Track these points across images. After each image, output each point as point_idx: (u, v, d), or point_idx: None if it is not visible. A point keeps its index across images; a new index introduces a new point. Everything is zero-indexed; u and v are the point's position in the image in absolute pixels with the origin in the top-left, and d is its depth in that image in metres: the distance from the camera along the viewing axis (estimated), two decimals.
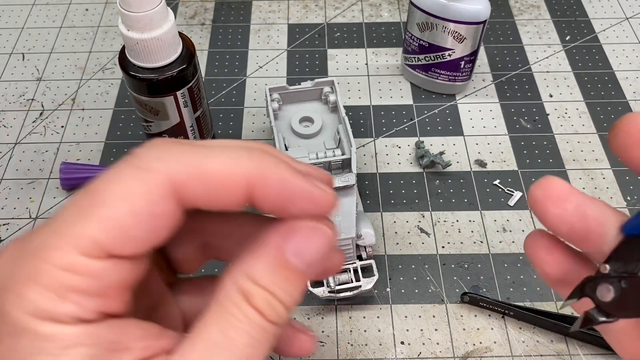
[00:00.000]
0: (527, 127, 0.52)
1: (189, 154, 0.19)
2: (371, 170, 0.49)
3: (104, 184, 0.19)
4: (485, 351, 0.40)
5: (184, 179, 0.19)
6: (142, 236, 0.18)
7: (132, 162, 0.19)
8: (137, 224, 0.18)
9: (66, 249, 0.18)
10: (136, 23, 0.38)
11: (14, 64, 0.59)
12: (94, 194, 0.19)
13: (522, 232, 0.45)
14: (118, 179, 0.19)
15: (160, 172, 0.19)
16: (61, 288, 0.18)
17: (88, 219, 0.18)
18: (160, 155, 0.19)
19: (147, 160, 0.19)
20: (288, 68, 0.57)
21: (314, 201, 0.20)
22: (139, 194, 0.18)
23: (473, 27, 0.48)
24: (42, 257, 0.18)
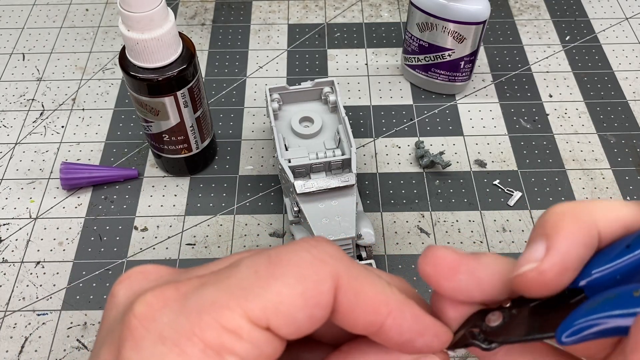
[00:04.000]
0: (527, 127, 0.52)
1: (353, 265, 0.20)
2: (371, 170, 0.49)
3: (283, 260, 0.19)
4: None
5: (345, 284, 0.19)
6: (301, 322, 0.19)
7: (309, 249, 0.20)
8: (303, 308, 0.19)
9: (237, 311, 0.18)
10: (136, 23, 0.38)
11: (14, 64, 0.59)
12: (273, 262, 0.19)
13: (522, 232, 0.45)
14: (297, 261, 0.19)
15: (333, 267, 0.19)
16: (223, 349, 0.18)
17: (264, 289, 0.18)
18: (334, 252, 0.20)
19: (322, 252, 0.20)
20: (288, 68, 0.58)
21: (439, 336, 0.21)
22: (314, 280, 0.19)
23: (473, 27, 0.48)
24: (212, 314, 0.18)
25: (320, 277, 0.19)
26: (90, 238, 0.46)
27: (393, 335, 0.20)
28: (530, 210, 0.47)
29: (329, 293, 0.19)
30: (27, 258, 0.45)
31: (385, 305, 0.20)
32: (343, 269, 0.19)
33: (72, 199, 0.48)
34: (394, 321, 0.20)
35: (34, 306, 0.42)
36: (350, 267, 0.20)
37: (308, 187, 0.40)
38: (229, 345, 0.18)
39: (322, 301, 0.19)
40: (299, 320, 0.19)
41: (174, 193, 0.48)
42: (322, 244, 0.20)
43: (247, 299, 0.18)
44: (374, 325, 0.20)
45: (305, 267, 0.19)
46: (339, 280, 0.19)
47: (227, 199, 0.48)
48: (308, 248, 0.20)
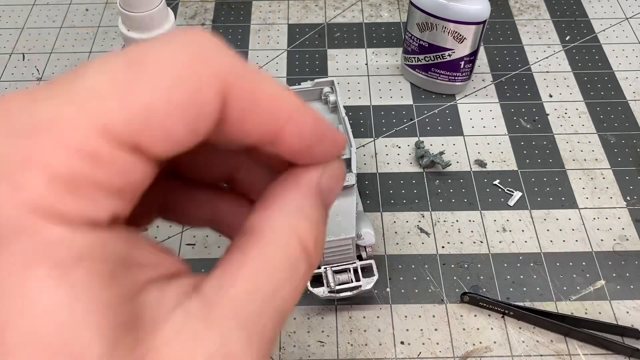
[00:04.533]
0: (527, 127, 0.52)
1: (244, 65, 0.16)
2: (371, 170, 0.49)
3: (148, 58, 0.15)
4: (485, 351, 0.40)
5: (237, 87, 0.16)
6: (178, 136, 0.15)
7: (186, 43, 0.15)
8: (181, 119, 0.15)
9: (88, 127, 0.13)
10: (136, 23, 0.38)
11: (14, 64, 0.59)
12: (136, 66, 0.15)
13: (521, 232, 0.45)
14: (168, 59, 0.15)
15: (219, 66, 0.15)
16: (74, 178, 0.13)
17: (125, 95, 0.14)
18: (218, 47, 0.16)
19: (204, 47, 0.15)
20: (288, 68, 0.58)
21: (338, 141, 0.19)
22: (193, 84, 0.15)
23: (473, 27, 0.48)
24: (52, 133, 0.13)
25: (203, 78, 0.15)
26: None
27: (293, 142, 0.17)
28: (531, 210, 0.47)
29: (215, 98, 0.15)
30: None
31: (285, 109, 0.17)
32: (233, 68, 0.16)
33: None
34: (294, 126, 0.17)
35: None
36: (241, 66, 0.16)
37: None
38: (85, 172, 0.13)
39: (207, 109, 0.15)
40: (176, 134, 0.15)
41: None
42: (202, 37, 0.16)
43: (104, 110, 0.14)
44: (272, 133, 0.17)
45: (182, 67, 0.15)
46: (228, 83, 0.15)
47: None
48: (184, 42, 0.15)
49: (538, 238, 0.45)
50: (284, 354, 0.40)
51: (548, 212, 0.47)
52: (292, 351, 0.40)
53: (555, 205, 0.47)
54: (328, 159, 0.20)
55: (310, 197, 0.19)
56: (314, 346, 0.40)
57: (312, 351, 0.40)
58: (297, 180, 0.19)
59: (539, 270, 0.43)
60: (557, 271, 0.43)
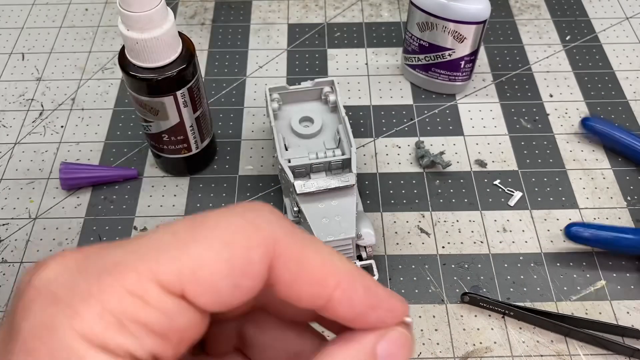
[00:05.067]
0: (527, 127, 0.52)
1: (295, 232, 0.18)
2: (371, 170, 0.49)
3: (208, 222, 0.17)
4: (486, 351, 0.40)
5: (285, 252, 0.17)
6: (225, 292, 0.17)
7: (243, 213, 0.17)
8: (227, 276, 0.16)
9: (144, 274, 0.16)
10: (136, 23, 0.38)
11: (13, 63, 0.58)
12: (197, 226, 0.17)
13: (522, 232, 0.45)
14: (225, 224, 0.17)
15: (268, 232, 0.17)
16: (124, 315, 0.15)
17: (180, 251, 0.16)
18: (271, 219, 0.18)
19: (258, 217, 0.17)
20: (288, 68, 0.57)
21: (393, 309, 0.19)
22: (242, 246, 0.17)
23: (473, 27, 0.48)
24: (113, 275, 0.16)
25: (252, 242, 0.17)
26: (90, 238, 0.46)
27: (343, 309, 0.18)
28: (531, 210, 0.47)
29: (260, 262, 0.17)
30: (26, 258, 0.45)
31: (333, 276, 0.18)
32: (282, 235, 0.17)
33: (72, 199, 0.48)
34: (343, 293, 0.18)
35: None
36: (292, 234, 0.18)
37: (308, 187, 0.40)
38: (133, 311, 0.15)
39: (252, 270, 0.17)
40: (221, 289, 0.16)
41: (173, 193, 0.48)
42: (259, 208, 0.18)
43: (158, 261, 0.16)
44: (321, 298, 0.18)
45: (234, 231, 0.17)
46: (277, 248, 0.17)
47: (227, 199, 0.48)
48: (241, 212, 0.17)
49: (538, 238, 0.45)
50: None
51: (549, 212, 0.46)
52: None
53: (556, 205, 0.47)
54: (385, 326, 0.20)
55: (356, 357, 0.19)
56: None
57: None
58: (349, 344, 0.19)
59: (540, 271, 0.43)
60: (558, 271, 0.43)
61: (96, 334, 0.15)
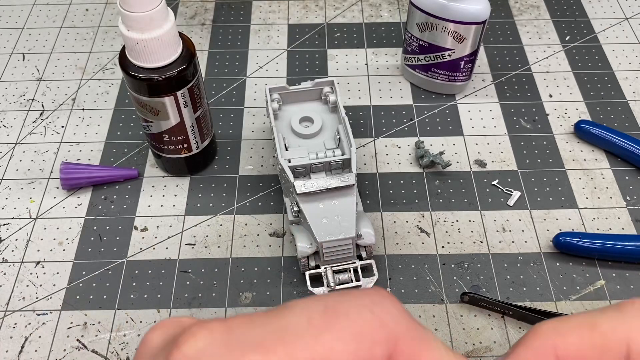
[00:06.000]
0: (527, 127, 0.52)
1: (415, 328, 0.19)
2: (371, 170, 0.49)
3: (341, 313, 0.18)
4: (485, 351, 0.40)
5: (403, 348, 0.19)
6: None
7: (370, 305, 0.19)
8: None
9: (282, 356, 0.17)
10: (136, 23, 0.38)
11: (14, 64, 0.59)
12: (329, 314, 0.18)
13: (521, 232, 0.45)
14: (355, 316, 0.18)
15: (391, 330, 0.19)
16: None
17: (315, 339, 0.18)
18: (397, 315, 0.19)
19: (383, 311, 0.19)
20: (288, 68, 0.58)
21: None
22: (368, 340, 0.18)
23: (473, 27, 0.48)
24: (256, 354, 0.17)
25: (377, 338, 0.18)
26: (90, 238, 0.46)
27: None
28: (530, 210, 0.47)
29: (382, 356, 0.18)
30: (27, 258, 0.45)
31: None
32: (403, 333, 0.19)
33: (72, 199, 0.48)
34: None
35: (34, 306, 0.42)
36: (411, 330, 0.19)
37: (308, 187, 0.40)
38: None
39: None
40: None
41: (174, 193, 0.48)
42: (386, 303, 0.19)
43: (295, 346, 0.18)
44: None
45: (363, 325, 0.18)
46: (398, 345, 0.19)
47: (227, 199, 0.48)
48: (370, 305, 0.19)
49: (538, 238, 0.45)
50: None
51: (548, 212, 0.47)
52: None
53: (555, 205, 0.47)
54: None
55: None
56: None
57: None
58: None
59: (539, 270, 0.43)
60: (557, 271, 0.43)
61: None
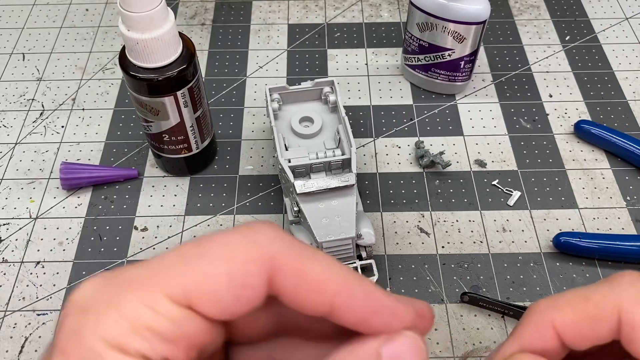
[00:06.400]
0: (527, 127, 0.52)
1: (294, 247, 0.20)
2: (371, 170, 0.49)
3: (211, 241, 0.19)
4: (485, 351, 0.40)
5: (283, 265, 0.19)
6: (227, 302, 0.19)
7: (244, 231, 0.19)
8: (228, 289, 0.19)
9: (155, 288, 0.18)
10: (136, 23, 0.38)
11: (14, 64, 0.59)
12: (200, 245, 0.19)
13: (521, 232, 0.45)
14: (225, 242, 0.19)
15: (265, 249, 0.19)
16: (138, 323, 0.18)
17: (185, 267, 0.19)
18: (271, 236, 0.20)
19: (258, 235, 0.19)
20: (288, 68, 0.58)
21: (396, 314, 0.20)
22: (240, 260, 0.19)
23: (473, 27, 0.48)
24: (129, 289, 0.18)
25: (250, 257, 0.19)
26: (90, 238, 0.46)
27: (346, 315, 0.20)
28: (530, 210, 0.47)
29: (258, 275, 0.19)
30: (27, 258, 0.45)
31: (333, 284, 0.19)
32: (281, 250, 0.19)
33: (72, 199, 0.48)
34: (343, 300, 0.19)
35: (34, 306, 0.42)
36: (290, 248, 0.19)
37: (308, 187, 0.40)
38: (145, 319, 0.18)
39: (251, 283, 0.19)
40: (224, 300, 0.19)
41: (174, 193, 0.48)
42: (260, 226, 0.20)
43: (167, 277, 0.18)
44: (323, 305, 0.20)
45: (234, 248, 0.19)
46: (276, 262, 0.19)
47: (227, 199, 0.48)
48: (242, 230, 0.19)
49: (538, 238, 0.45)
50: None
51: (548, 212, 0.47)
52: None
53: (555, 205, 0.47)
54: (390, 331, 0.21)
55: None
56: None
57: None
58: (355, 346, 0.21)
59: (539, 270, 0.43)
60: (557, 271, 0.43)
61: (115, 338, 0.18)
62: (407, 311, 0.21)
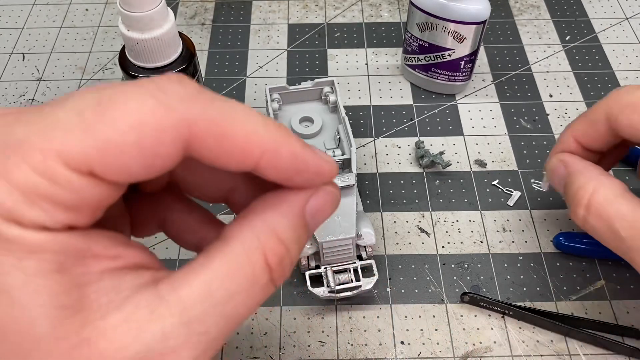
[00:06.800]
0: (527, 127, 0.52)
1: (213, 107, 0.18)
2: (371, 170, 0.49)
3: (114, 100, 0.17)
4: (485, 351, 0.40)
5: (202, 130, 0.18)
6: (135, 169, 0.17)
7: (154, 92, 0.17)
8: (137, 157, 0.17)
9: (50, 154, 0.16)
10: (136, 23, 0.38)
11: (14, 64, 0.59)
12: (104, 106, 0.17)
13: (521, 232, 0.45)
14: (136, 105, 0.17)
15: (180, 114, 0.17)
16: (32, 192, 0.16)
17: (87, 132, 0.16)
18: (185, 96, 0.18)
19: (170, 96, 0.17)
20: (288, 68, 0.58)
21: (320, 172, 0.20)
22: (152, 129, 0.17)
23: (473, 27, 0.48)
24: (21, 154, 0.16)
25: (162, 125, 0.17)
26: None
27: (271, 173, 0.19)
28: (531, 210, 0.47)
29: (172, 143, 0.17)
30: None
31: (257, 146, 0.19)
32: (198, 113, 0.18)
33: None
34: (268, 161, 0.19)
35: None
36: (209, 109, 0.18)
37: None
38: (40, 188, 0.16)
39: (163, 152, 0.17)
40: (132, 168, 0.17)
41: None
42: (172, 84, 0.18)
43: (64, 142, 0.16)
44: (247, 166, 0.19)
45: (144, 113, 0.17)
46: (193, 128, 0.17)
47: None
48: (152, 91, 0.17)
49: (538, 238, 0.45)
50: (284, 354, 0.40)
51: (548, 212, 0.47)
52: (292, 351, 0.40)
53: (556, 205, 0.47)
54: (314, 186, 0.21)
55: (289, 217, 0.20)
56: (313, 346, 0.40)
57: (312, 351, 0.40)
58: (280, 199, 0.21)
59: (539, 270, 0.43)
60: (557, 271, 0.43)
61: (6, 209, 0.16)
62: (330, 168, 0.21)
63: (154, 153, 0.17)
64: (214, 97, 0.19)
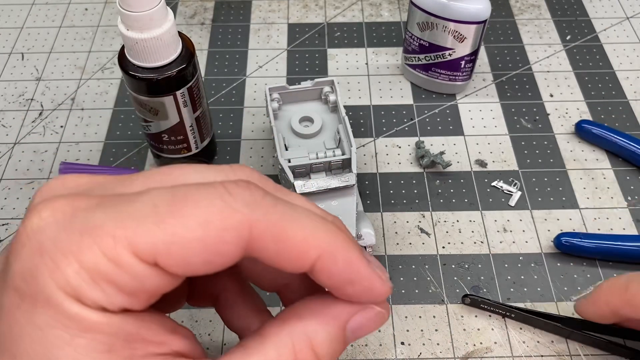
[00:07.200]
0: (528, 127, 0.52)
1: (275, 210, 0.19)
2: (371, 170, 0.49)
3: (186, 198, 0.18)
4: (486, 352, 0.39)
5: (261, 232, 0.19)
6: (196, 264, 0.18)
7: (223, 195, 0.18)
8: (200, 252, 0.18)
9: (121, 240, 0.17)
10: (136, 22, 0.38)
11: (13, 63, 0.58)
12: (177, 202, 0.18)
13: (522, 232, 0.45)
14: (205, 204, 0.18)
15: (245, 217, 0.18)
16: (98, 274, 0.17)
17: (158, 225, 0.18)
18: (251, 200, 0.19)
19: (237, 199, 0.19)
20: (288, 68, 0.57)
21: (372, 289, 0.20)
22: (216, 227, 0.18)
23: (473, 27, 0.48)
24: (94, 237, 0.17)
25: (227, 225, 0.18)
26: None
27: (323, 278, 0.20)
28: (531, 210, 0.47)
29: (233, 243, 0.18)
30: None
31: (315, 248, 0.19)
32: (260, 217, 0.19)
33: None
34: (323, 265, 0.19)
35: None
36: (270, 212, 0.19)
37: (308, 187, 0.40)
38: (106, 272, 0.17)
39: (224, 250, 0.18)
40: (193, 263, 0.18)
41: None
42: (239, 189, 0.19)
43: (135, 231, 0.17)
44: (303, 268, 0.19)
45: (211, 213, 0.18)
46: (254, 230, 0.18)
47: None
48: (222, 194, 0.19)
49: (539, 238, 0.45)
50: None
51: (549, 212, 0.46)
52: None
53: (556, 205, 0.47)
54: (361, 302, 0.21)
55: (329, 328, 0.20)
56: None
57: None
58: (325, 306, 0.21)
59: (540, 271, 0.43)
60: (558, 271, 0.43)
61: (72, 286, 0.17)
62: (382, 286, 0.20)
63: (215, 250, 0.18)
64: (278, 201, 0.20)
